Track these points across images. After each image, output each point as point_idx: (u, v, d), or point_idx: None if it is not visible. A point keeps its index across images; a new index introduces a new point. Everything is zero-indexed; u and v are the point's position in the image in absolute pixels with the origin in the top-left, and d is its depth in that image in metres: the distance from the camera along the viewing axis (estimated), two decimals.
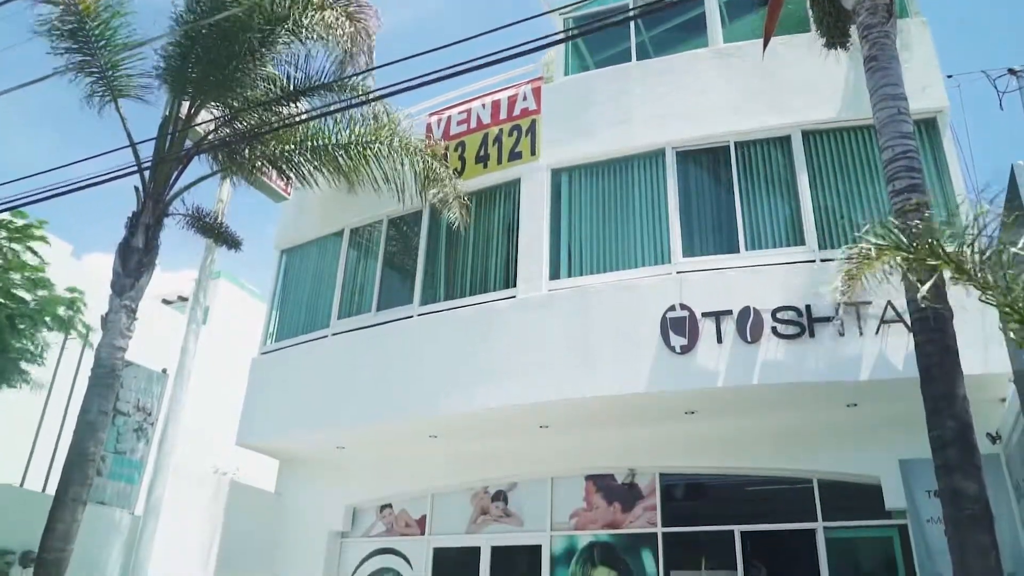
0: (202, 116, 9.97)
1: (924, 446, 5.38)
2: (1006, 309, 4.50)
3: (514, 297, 9.72)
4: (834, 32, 7.97)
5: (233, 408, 11.72)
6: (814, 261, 8.51)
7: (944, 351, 5.26)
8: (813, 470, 8.82)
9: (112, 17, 8.84)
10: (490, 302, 9.88)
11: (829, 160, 9.16)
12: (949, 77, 8.96)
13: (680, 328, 8.44)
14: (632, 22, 10.73)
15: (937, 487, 5.15)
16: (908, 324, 6.07)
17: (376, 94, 9.93)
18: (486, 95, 11.50)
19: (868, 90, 6.36)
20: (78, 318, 9.06)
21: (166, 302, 19.70)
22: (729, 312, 8.33)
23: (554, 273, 9.77)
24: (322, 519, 11.35)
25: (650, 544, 9.41)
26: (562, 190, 10.30)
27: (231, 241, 11.57)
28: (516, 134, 10.82)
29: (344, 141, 10.02)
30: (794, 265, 8.53)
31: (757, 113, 9.49)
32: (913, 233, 5.01)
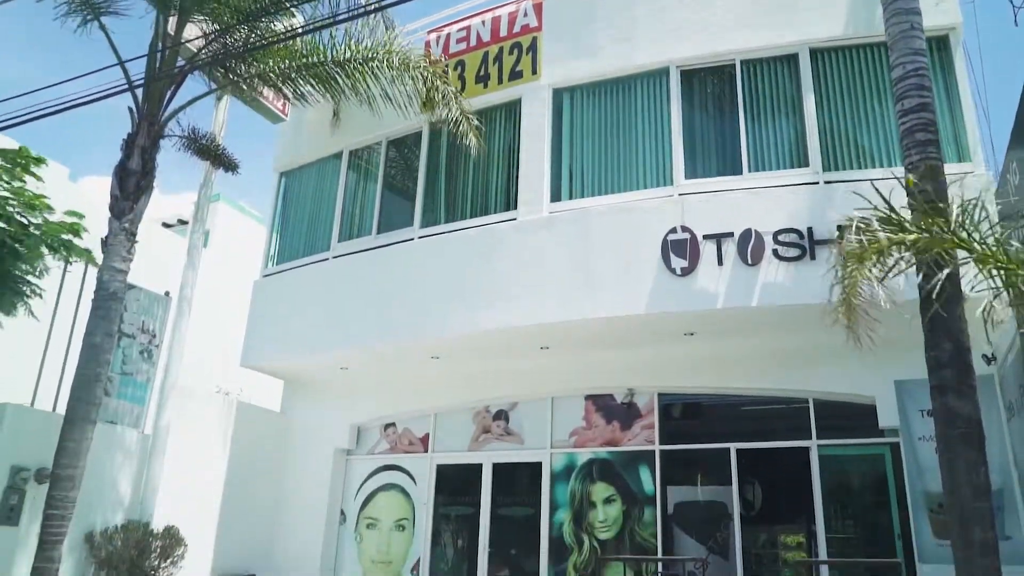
0: (194, 32, 9.68)
1: (919, 367, 5.45)
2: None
3: (515, 219, 9.68)
4: None
5: (236, 330, 11.85)
6: (818, 183, 8.43)
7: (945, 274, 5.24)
8: (809, 390, 8.98)
9: None
10: (491, 224, 9.85)
11: (836, 80, 8.94)
12: None
13: (681, 250, 8.42)
14: None
15: (931, 407, 5.24)
16: None
17: (374, 5, 9.60)
18: (486, 11, 11.14)
19: (881, 3, 6.17)
20: (76, 242, 9.01)
21: (166, 225, 19.57)
22: (730, 234, 8.30)
23: (555, 195, 9.69)
24: (327, 438, 11.65)
25: (648, 461, 9.66)
26: (564, 110, 10.10)
27: (228, 163, 11.46)
28: (517, 52, 10.54)
29: (341, 58, 9.73)
30: (797, 187, 8.45)
31: (764, 27, 9.20)
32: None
